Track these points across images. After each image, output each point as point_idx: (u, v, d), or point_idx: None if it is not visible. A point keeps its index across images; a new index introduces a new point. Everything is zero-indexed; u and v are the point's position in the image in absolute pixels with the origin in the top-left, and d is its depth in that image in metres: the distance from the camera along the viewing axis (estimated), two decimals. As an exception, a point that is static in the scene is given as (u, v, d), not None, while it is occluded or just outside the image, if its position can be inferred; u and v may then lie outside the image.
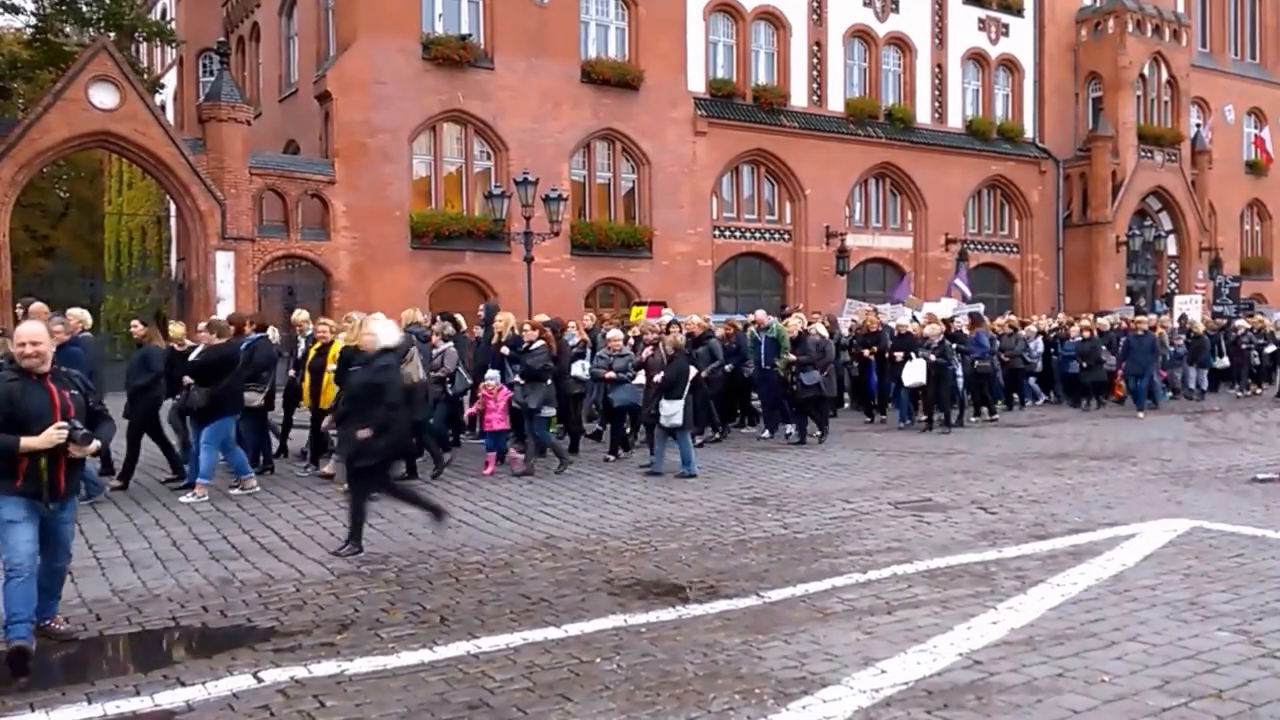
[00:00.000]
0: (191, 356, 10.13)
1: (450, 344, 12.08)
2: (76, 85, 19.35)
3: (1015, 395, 18.68)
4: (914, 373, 15.04)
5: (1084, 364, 18.48)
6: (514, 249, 21.79)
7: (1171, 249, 35.79)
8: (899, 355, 15.39)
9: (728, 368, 14.18)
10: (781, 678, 4.87)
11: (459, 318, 13.63)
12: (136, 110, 19.92)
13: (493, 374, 11.57)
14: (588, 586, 6.56)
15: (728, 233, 28.09)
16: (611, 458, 12.30)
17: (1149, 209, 35.07)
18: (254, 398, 10.76)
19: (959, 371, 16.10)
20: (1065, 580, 6.59)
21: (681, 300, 23.81)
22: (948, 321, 16.69)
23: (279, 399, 12.33)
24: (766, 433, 14.67)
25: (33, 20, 23.72)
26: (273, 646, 5.41)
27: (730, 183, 28.32)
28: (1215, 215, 36.92)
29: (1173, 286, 34.55)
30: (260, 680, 4.88)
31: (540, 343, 11.24)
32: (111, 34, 22.26)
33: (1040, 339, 19.22)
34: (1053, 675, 4.86)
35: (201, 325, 10.56)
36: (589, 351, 13.39)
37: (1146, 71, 34.41)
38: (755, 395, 15.54)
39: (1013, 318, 20.84)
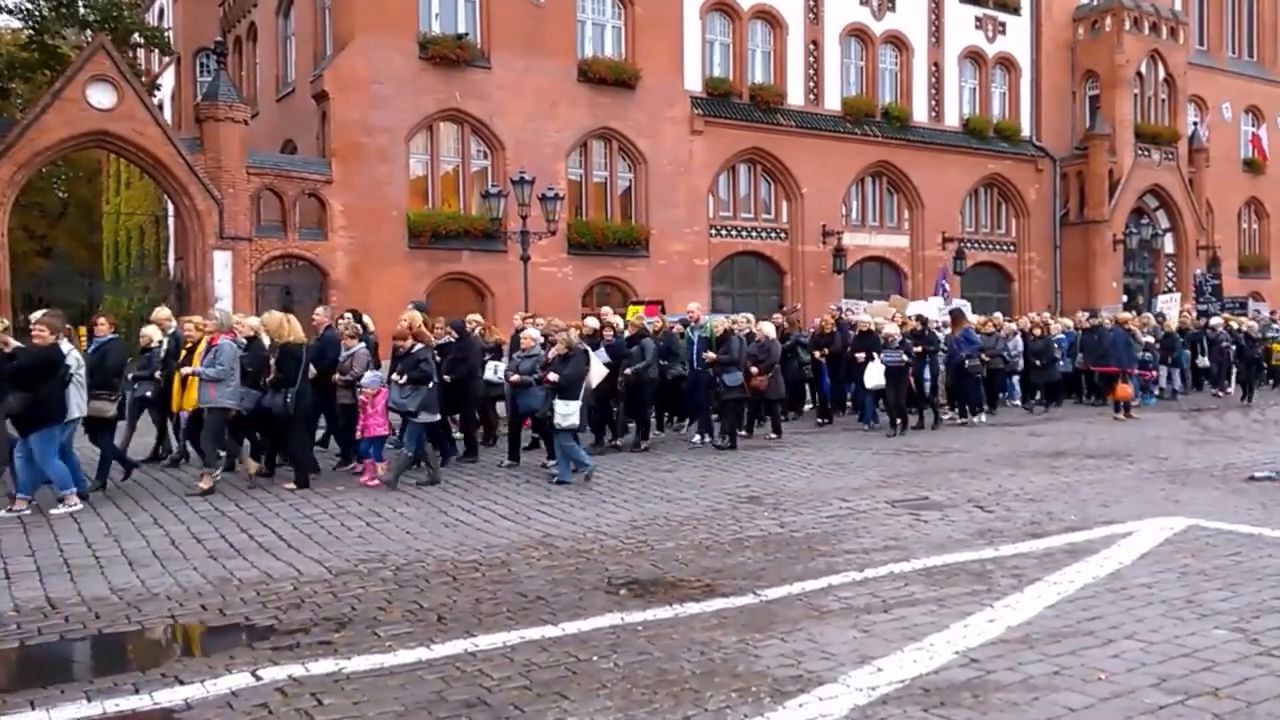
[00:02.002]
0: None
1: (361, 344, 11.26)
2: (74, 85, 19.32)
3: (997, 395, 18.42)
4: (875, 375, 14.70)
5: (1037, 362, 18.34)
6: (510, 248, 21.77)
7: (1169, 247, 35.80)
8: (859, 356, 15.02)
9: (638, 369, 13.01)
10: (778, 676, 4.88)
11: (366, 317, 12.77)
12: (134, 110, 19.90)
13: (371, 376, 10.82)
14: (585, 585, 6.57)
15: (724, 232, 28.09)
16: (549, 464, 11.53)
17: (1146, 207, 35.09)
18: (105, 407, 9.84)
19: (926, 375, 15.89)
20: (1062, 578, 6.60)
21: (679, 299, 23.69)
22: (921, 319, 16.54)
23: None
24: (696, 437, 14.00)
25: (30, 22, 23.63)
26: (271, 645, 5.42)
27: (727, 182, 28.30)
28: (1212, 213, 36.92)
29: (1170, 284, 34.57)
30: (259, 678, 4.88)
31: (418, 346, 10.61)
32: (108, 37, 22.23)
33: (1019, 338, 18.72)
34: (1049, 673, 4.87)
35: (35, 317, 9.51)
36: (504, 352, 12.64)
37: (1144, 69, 34.41)
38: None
39: (997, 316, 20.51)
